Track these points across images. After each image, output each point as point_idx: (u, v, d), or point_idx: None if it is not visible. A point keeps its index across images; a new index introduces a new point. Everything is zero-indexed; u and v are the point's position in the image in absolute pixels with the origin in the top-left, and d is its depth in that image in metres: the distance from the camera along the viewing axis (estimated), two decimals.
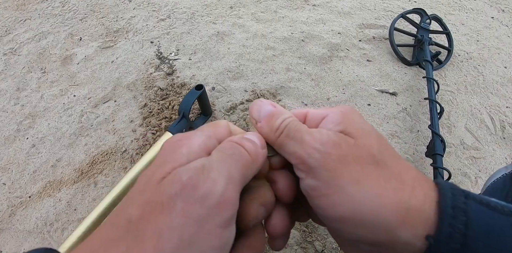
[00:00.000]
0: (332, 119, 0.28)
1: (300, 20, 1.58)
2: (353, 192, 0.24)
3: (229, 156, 0.25)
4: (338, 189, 0.24)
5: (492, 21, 1.66)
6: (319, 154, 0.25)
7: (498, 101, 1.22)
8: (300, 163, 0.26)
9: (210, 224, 0.20)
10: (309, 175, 0.26)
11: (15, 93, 1.27)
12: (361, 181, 0.24)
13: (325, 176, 0.25)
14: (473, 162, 1.02)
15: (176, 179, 0.21)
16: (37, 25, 1.61)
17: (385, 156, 0.26)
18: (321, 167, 0.25)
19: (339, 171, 0.24)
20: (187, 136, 0.26)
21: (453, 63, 1.38)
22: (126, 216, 0.20)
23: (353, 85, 1.24)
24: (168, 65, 1.34)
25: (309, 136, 0.26)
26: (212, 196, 0.20)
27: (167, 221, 0.19)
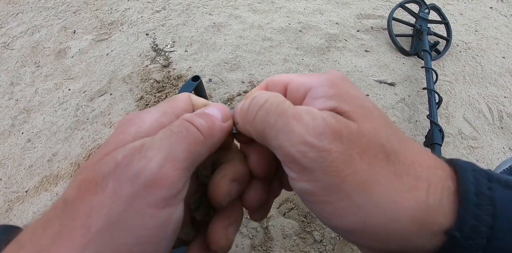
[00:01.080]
0: (321, 92, 0.23)
1: (298, 11, 1.56)
2: (361, 201, 0.20)
3: (174, 134, 0.22)
4: (342, 197, 0.20)
5: (490, 11, 1.64)
6: (315, 151, 0.20)
7: (496, 91, 1.21)
8: (290, 162, 0.21)
9: (142, 203, 0.19)
10: (303, 177, 0.21)
11: (9, 88, 1.25)
12: (370, 185, 0.20)
13: (325, 180, 0.20)
14: (471, 152, 1.02)
15: (112, 158, 0.20)
16: (29, 19, 1.58)
17: (395, 144, 0.21)
18: (319, 170, 0.20)
19: (343, 173, 0.20)
20: (139, 115, 0.24)
21: (451, 53, 1.37)
22: (64, 196, 0.20)
23: (351, 76, 1.23)
24: (164, 57, 1.32)
25: (297, 124, 0.21)
26: (144, 174, 0.19)
27: (99, 200, 0.19)
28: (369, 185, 0.20)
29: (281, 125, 0.21)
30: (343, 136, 0.20)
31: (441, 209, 0.20)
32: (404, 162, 0.21)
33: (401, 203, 0.20)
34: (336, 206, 0.20)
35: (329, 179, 0.20)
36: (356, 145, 0.20)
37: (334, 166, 0.20)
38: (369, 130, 0.21)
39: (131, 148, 0.20)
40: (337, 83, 0.23)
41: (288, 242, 0.78)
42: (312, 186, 0.21)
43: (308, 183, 0.21)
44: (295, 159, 0.21)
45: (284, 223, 0.80)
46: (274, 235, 0.79)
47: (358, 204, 0.20)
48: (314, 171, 0.20)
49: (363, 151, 0.20)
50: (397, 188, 0.20)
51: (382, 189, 0.20)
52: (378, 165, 0.20)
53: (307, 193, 0.22)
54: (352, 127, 0.21)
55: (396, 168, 0.21)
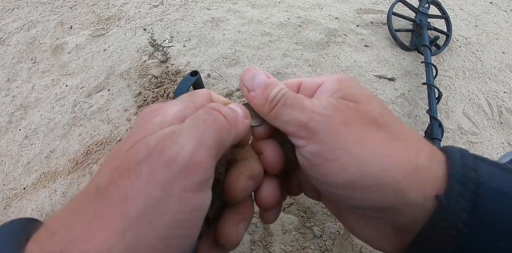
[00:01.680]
0: (329, 87, 0.27)
1: (297, 5, 1.55)
2: (360, 153, 0.23)
3: (202, 121, 0.23)
4: (344, 152, 0.23)
5: (490, 6, 1.63)
6: (321, 116, 0.24)
7: (496, 87, 1.21)
8: (300, 129, 0.25)
9: (178, 188, 0.20)
10: (311, 141, 0.25)
11: (5, 84, 1.24)
12: (365, 142, 0.23)
13: (329, 139, 0.24)
14: (471, 147, 1.02)
15: (144, 146, 0.20)
16: (25, 14, 1.56)
17: (387, 120, 0.25)
18: (325, 130, 0.24)
19: (343, 133, 0.24)
20: (162, 106, 0.25)
21: (451, 48, 1.36)
22: (95, 183, 0.20)
23: (351, 71, 1.23)
24: (162, 53, 1.31)
25: (308, 102, 0.26)
26: (179, 159, 0.20)
27: (134, 185, 0.19)
28: (365, 143, 0.23)
29: (296, 104, 0.26)
30: (343, 109, 0.25)
31: (430, 172, 0.23)
32: (396, 133, 0.25)
33: (394, 157, 0.23)
34: (339, 161, 0.23)
35: (333, 137, 0.24)
36: (353, 115, 0.24)
37: (336, 127, 0.24)
38: (365, 107, 0.25)
39: (162, 134, 0.21)
40: (344, 81, 0.28)
41: (287, 237, 0.78)
42: (319, 146, 0.24)
43: (315, 144, 0.24)
44: (305, 124, 0.25)
45: (283, 219, 0.80)
46: (273, 230, 0.78)
47: (357, 156, 0.23)
48: (321, 132, 0.24)
49: (360, 119, 0.24)
50: (390, 148, 0.23)
51: (376, 145, 0.23)
52: (372, 131, 0.24)
53: (315, 154, 0.24)
54: (351, 105, 0.25)
55: (389, 135, 0.24)
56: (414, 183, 0.22)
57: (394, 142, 0.24)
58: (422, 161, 0.23)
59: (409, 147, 0.24)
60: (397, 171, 0.22)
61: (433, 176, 0.23)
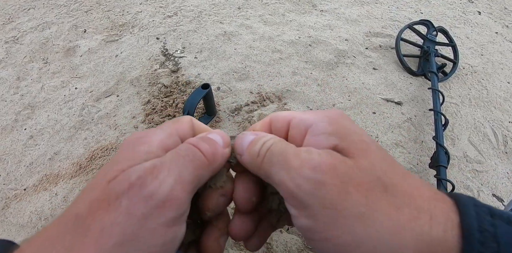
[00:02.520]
0: (320, 129, 0.24)
1: (308, 25, 1.58)
2: (362, 233, 0.20)
3: (182, 158, 0.23)
4: (343, 231, 0.20)
5: (496, 36, 1.67)
6: (309, 184, 0.21)
7: (501, 116, 1.23)
8: (290, 197, 0.22)
9: (154, 222, 0.20)
10: (302, 213, 0.21)
11: (15, 82, 1.24)
12: (369, 216, 0.20)
13: (323, 214, 0.20)
14: (476, 175, 1.02)
15: (125, 178, 0.21)
16: (41, 15, 1.58)
17: (392, 177, 0.22)
18: (316, 203, 0.20)
19: (340, 206, 0.20)
20: (147, 134, 0.25)
21: (457, 76, 1.39)
22: (74, 212, 0.20)
23: (358, 92, 1.24)
24: (173, 63, 1.33)
25: (295, 159, 0.22)
26: (157, 196, 0.20)
27: (111, 218, 0.19)
28: (368, 218, 0.20)
29: (282, 162, 0.23)
30: (338, 169, 0.21)
31: (445, 243, 0.20)
32: (404, 194, 0.21)
33: (403, 236, 0.20)
34: (338, 242, 0.20)
35: (327, 213, 0.20)
36: (351, 178, 0.21)
37: (329, 198, 0.20)
38: (365, 164, 0.22)
39: (144, 169, 0.21)
40: (336, 120, 0.25)
41: None
42: (312, 222, 0.21)
43: (308, 219, 0.21)
44: (293, 193, 0.21)
45: (287, 239, 0.79)
46: (276, 250, 0.77)
47: (360, 239, 0.20)
48: (312, 205, 0.21)
49: (359, 184, 0.21)
50: (398, 220, 0.20)
51: (382, 221, 0.20)
52: (376, 198, 0.20)
53: (308, 230, 0.22)
54: (348, 162, 0.21)
55: (395, 200, 0.21)
56: None
57: (402, 210, 0.20)
58: (436, 232, 0.20)
59: (420, 214, 0.20)
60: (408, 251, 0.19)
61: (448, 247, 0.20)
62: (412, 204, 0.21)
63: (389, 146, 1.07)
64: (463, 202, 0.21)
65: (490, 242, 0.19)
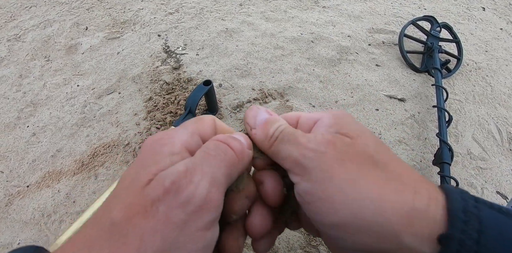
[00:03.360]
0: (325, 122, 0.28)
1: (310, 21, 1.57)
2: (352, 193, 0.22)
3: (213, 157, 0.24)
4: (336, 191, 0.23)
5: (501, 32, 1.66)
6: (313, 153, 0.24)
7: (506, 113, 1.21)
8: (295, 166, 0.25)
9: (192, 227, 0.20)
10: (304, 178, 0.24)
11: (17, 80, 1.24)
12: (359, 181, 0.23)
13: (321, 177, 0.23)
14: (480, 173, 1.01)
15: (159, 184, 0.21)
16: (42, 12, 1.58)
17: (383, 156, 0.25)
18: (317, 167, 0.24)
19: (336, 170, 0.23)
20: (169, 134, 0.25)
21: (461, 72, 1.38)
22: (110, 217, 0.20)
23: (361, 89, 1.23)
24: (175, 59, 1.32)
25: (303, 137, 0.26)
26: (194, 200, 0.20)
27: (150, 225, 0.19)
28: (358, 183, 0.23)
29: (292, 140, 0.26)
30: (337, 144, 0.24)
31: (428, 215, 0.22)
32: (392, 172, 0.24)
33: (388, 201, 0.22)
34: (331, 201, 0.23)
35: (324, 175, 0.23)
36: (347, 151, 0.24)
37: (328, 164, 0.23)
38: (360, 143, 0.25)
39: (177, 173, 0.21)
40: (339, 116, 0.28)
41: None
42: (311, 184, 0.24)
43: (307, 182, 0.24)
44: (298, 161, 0.25)
45: (289, 236, 0.79)
46: (279, 247, 0.77)
47: (350, 198, 0.22)
48: (313, 169, 0.24)
49: (354, 156, 0.24)
50: (384, 189, 0.22)
51: (370, 185, 0.22)
52: (367, 170, 0.23)
53: (308, 192, 0.24)
54: (346, 140, 0.25)
55: (384, 174, 0.23)
56: (409, 227, 0.21)
57: (389, 182, 0.23)
58: (419, 204, 0.22)
59: (406, 188, 0.23)
60: (391, 214, 0.21)
61: (431, 221, 0.21)
62: (398, 180, 0.23)
63: (392, 143, 1.06)
64: (449, 188, 0.24)
65: (473, 222, 0.21)
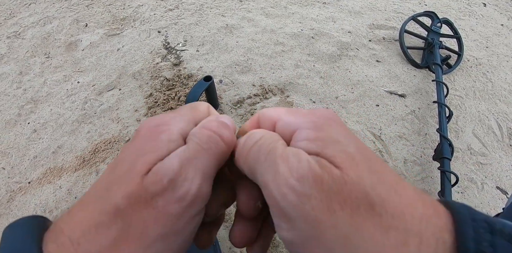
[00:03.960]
0: (304, 135, 0.23)
1: (310, 17, 1.56)
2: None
3: (206, 151, 0.24)
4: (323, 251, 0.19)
5: (501, 28, 1.65)
6: (295, 195, 0.19)
7: (506, 108, 1.21)
8: (274, 206, 0.21)
9: (186, 217, 0.22)
10: (285, 225, 0.21)
11: (18, 77, 1.24)
12: (352, 239, 0.19)
13: (305, 230, 0.19)
14: (480, 168, 1.02)
15: (158, 181, 0.22)
16: (42, 9, 1.58)
17: (381, 192, 0.20)
18: (300, 217, 0.19)
19: (323, 224, 0.19)
20: (166, 121, 0.25)
21: (462, 68, 1.37)
22: (114, 203, 0.21)
23: (362, 85, 1.23)
24: (175, 56, 1.32)
25: (283, 164, 0.21)
26: (188, 197, 0.22)
27: (151, 214, 0.21)
28: (351, 241, 0.19)
29: (268, 163, 0.22)
30: (324, 182, 0.19)
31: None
32: (393, 213, 0.19)
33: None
34: None
35: (309, 230, 0.19)
36: (337, 194, 0.19)
37: (313, 215, 0.19)
38: (352, 177, 0.20)
39: (173, 171, 0.22)
40: (321, 126, 0.23)
41: None
42: (294, 236, 0.20)
43: (290, 232, 0.21)
44: (277, 202, 0.21)
45: None
46: (279, 241, 0.78)
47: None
48: (295, 219, 0.20)
49: (345, 201, 0.19)
50: (383, 246, 0.18)
51: (366, 246, 0.18)
52: (361, 218, 0.19)
53: (290, 243, 0.21)
54: (335, 174, 0.20)
55: (382, 221, 0.19)
56: None
57: (389, 234, 0.19)
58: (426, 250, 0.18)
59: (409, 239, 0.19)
60: None
61: None
62: (400, 226, 0.19)
63: (392, 139, 1.06)
64: (460, 217, 0.20)
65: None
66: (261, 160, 0.22)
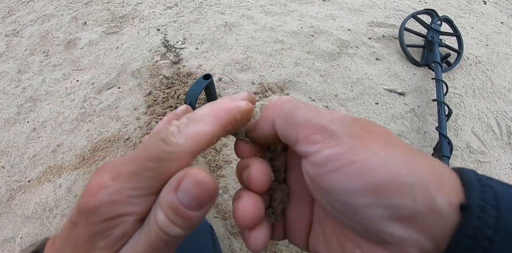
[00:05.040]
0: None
1: (310, 15, 1.56)
2: (386, 156, 0.21)
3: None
4: (369, 155, 0.22)
5: (501, 26, 1.65)
6: (341, 122, 0.23)
7: (505, 107, 1.21)
8: (317, 132, 0.23)
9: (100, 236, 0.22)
10: (328, 144, 0.23)
11: (17, 76, 1.24)
12: (390, 148, 0.22)
13: (351, 142, 0.22)
14: (479, 166, 1.02)
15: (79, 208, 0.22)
16: (40, 7, 1.57)
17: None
18: (347, 133, 0.23)
19: (366, 138, 0.22)
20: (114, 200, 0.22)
21: (462, 66, 1.37)
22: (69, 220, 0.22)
23: (361, 83, 1.23)
24: (175, 54, 1.32)
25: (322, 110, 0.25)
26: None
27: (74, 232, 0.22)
28: (389, 148, 0.22)
29: (310, 107, 0.25)
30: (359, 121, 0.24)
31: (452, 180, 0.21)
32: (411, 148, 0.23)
33: (419, 163, 0.21)
34: (364, 162, 0.22)
35: (355, 141, 0.22)
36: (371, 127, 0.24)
37: (358, 133, 0.23)
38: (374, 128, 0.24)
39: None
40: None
41: (293, 247, 0.77)
42: (340, 148, 0.22)
43: (335, 147, 0.22)
44: (325, 126, 0.23)
45: None
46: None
47: (383, 159, 0.21)
48: (341, 136, 0.22)
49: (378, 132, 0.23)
50: (414, 154, 0.22)
51: (400, 152, 0.22)
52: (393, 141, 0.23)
53: (333, 158, 0.22)
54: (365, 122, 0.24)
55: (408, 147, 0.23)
56: (441, 188, 0.21)
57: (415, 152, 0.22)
58: (444, 171, 0.22)
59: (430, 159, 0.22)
60: (425, 174, 0.21)
61: (455, 184, 0.21)
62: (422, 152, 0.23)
63: None
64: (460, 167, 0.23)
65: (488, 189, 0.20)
66: (301, 105, 0.25)
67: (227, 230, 0.82)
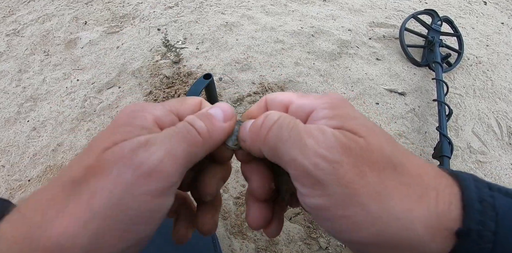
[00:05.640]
0: (322, 114, 0.24)
1: (310, 15, 1.56)
2: (377, 210, 0.20)
3: (176, 134, 0.24)
4: (359, 209, 0.20)
5: (502, 26, 1.65)
6: (327, 163, 0.21)
7: (506, 107, 1.21)
8: (303, 176, 0.22)
9: (138, 190, 0.21)
10: (316, 192, 0.21)
11: (17, 75, 1.24)
12: (383, 196, 0.21)
13: (339, 193, 0.21)
14: (479, 166, 1.02)
15: (118, 150, 0.22)
16: (41, 7, 1.57)
17: (399, 156, 0.22)
18: (334, 182, 0.21)
19: (356, 185, 0.20)
20: (146, 108, 0.25)
21: (462, 67, 1.37)
22: (71, 176, 0.22)
23: (361, 83, 1.23)
24: (175, 54, 1.32)
25: (309, 138, 0.22)
26: (144, 166, 0.21)
27: (102, 184, 0.21)
28: (382, 196, 0.21)
29: (294, 139, 0.22)
30: (352, 150, 0.21)
31: (450, 215, 0.21)
32: (411, 173, 0.22)
33: (414, 212, 0.21)
34: (353, 220, 0.21)
35: (344, 192, 0.21)
36: (365, 158, 0.21)
37: (347, 177, 0.21)
38: (375, 144, 0.22)
39: (138, 142, 0.22)
40: (338, 106, 0.25)
41: (293, 247, 0.77)
42: (326, 200, 0.21)
43: (322, 197, 0.21)
44: (308, 172, 0.21)
45: (289, 228, 0.79)
46: (279, 239, 0.78)
47: (375, 216, 0.20)
48: (328, 185, 0.21)
49: (373, 164, 0.21)
50: (410, 197, 0.21)
51: (395, 199, 0.21)
52: (388, 177, 0.21)
53: (321, 208, 0.22)
54: (360, 142, 0.22)
55: (405, 179, 0.22)
56: (436, 234, 0.20)
57: (412, 188, 0.21)
58: (442, 207, 0.21)
59: (428, 191, 0.21)
60: (419, 226, 0.20)
61: (452, 220, 0.21)
62: (420, 182, 0.22)
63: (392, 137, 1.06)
64: (463, 177, 0.23)
65: (489, 211, 0.20)
66: (285, 138, 0.23)
67: (227, 230, 0.82)
